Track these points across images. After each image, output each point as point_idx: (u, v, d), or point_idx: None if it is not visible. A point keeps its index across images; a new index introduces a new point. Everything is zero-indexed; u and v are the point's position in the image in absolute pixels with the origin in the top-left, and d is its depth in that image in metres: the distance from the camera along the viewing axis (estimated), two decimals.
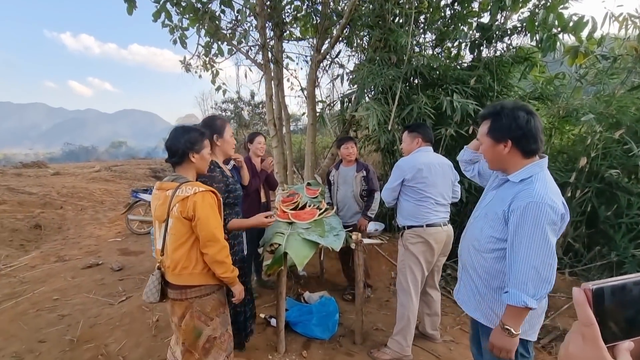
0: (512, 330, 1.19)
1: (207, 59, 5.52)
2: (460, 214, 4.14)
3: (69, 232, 5.98)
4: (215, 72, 5.42)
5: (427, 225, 2.24)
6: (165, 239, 1.54)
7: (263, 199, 3.17)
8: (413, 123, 2.59)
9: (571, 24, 3.37)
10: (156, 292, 1.56)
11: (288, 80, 5.94)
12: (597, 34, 3.38)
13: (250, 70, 6.12)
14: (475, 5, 4.20)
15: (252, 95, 14.08)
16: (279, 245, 2.15)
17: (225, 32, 5.17)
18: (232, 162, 2.73)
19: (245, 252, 3.13)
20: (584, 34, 3.38)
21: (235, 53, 5.43)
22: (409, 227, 2.29)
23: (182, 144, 1.56)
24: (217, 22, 4.72)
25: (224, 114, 14.89)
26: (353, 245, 2.32)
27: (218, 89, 5.81)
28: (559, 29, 3.45)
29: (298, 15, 5.23)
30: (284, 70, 5.46)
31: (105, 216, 7.22)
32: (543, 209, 1.16)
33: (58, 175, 12.16)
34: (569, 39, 3.59)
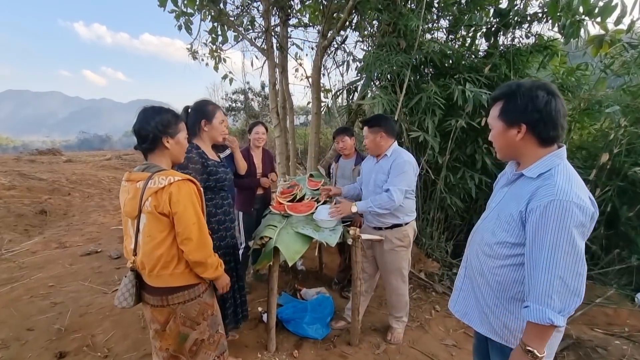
0: (536, 352, 1.00)
1: (214, 47, 5.39)
2: (469, 210, 3.95)
3: (74, 218, 6.00)
4: (218, 59, 5.27)
5: (416, 218, 2.40)
6: (138, 238, 1.36)
7: (260, 191, 3.05)
8: (372, 116, 2.43)
9: (597, 8, 3.09)
10: (130, 297, 1.39)
11: (296, 70, 5.78)
12: (627, 20, 3.10)
13: (257, 58, 5.98)
14: None
15: (262, 86, 13.98)
16: (270, 239, 2.02)
17: (231, 18, 5.02)
18: (228, 151, 2.62)
19: (242, 241, 3.05)
20: (612, 19, 3.09)
21: (241, 40, 5.28)
22: (407, 222, 2.30)
23: (152, 127, 1.36)
24: (220, 5, 4.57)
25: (234, 104, 14.85)
26: (350, 241, 2.17)
27: (225, 77, 5.69)
28: (584, 14, 3.17)
29: (306, 2, 5.04)
30: (290, 59, 5.30)
31: (111, 204, 7.25)
32: (569, 208, 0.97)
33: (70, 162, 12.33)
34: (592, 27, 3.29)
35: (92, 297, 2.99)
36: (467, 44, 4.13)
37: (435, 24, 4.19)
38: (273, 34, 4.79)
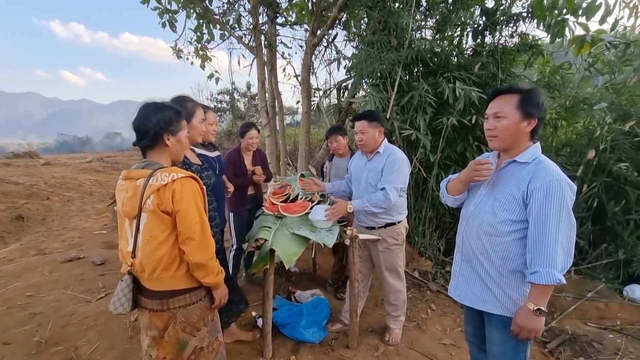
0: (542, 309, 1.18)
1: (199, 45, 5.25)
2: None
3: (53, 223, 5.73)
4: (204, 56, 5.14)
5: (407, 215, 2.40)
6: (137, 238, 1.29)
7: (251, 192, 2.98)
8: (367, 111, 2.43)
9: (584, 6, 3.14)
10: (126, 302, 1.31)
11: (284, 70, 5.70)
12: (611, 19, 3.16)
13: (244, 56, 5.86)
14: None
15: (248, 87, 13.81)
16: (265, 240, 1.95)
17: (217, 16, 4.90)
18: (217, 152, 2.52)
19: (233, 243, 2.96)
20: (597, 18, 3.15)
21: (228, 38, 5.17)
22: (400, 221, 2.30)
23: (154, 123, 1.31)
24: (205, 2, 4.45)
25: (219, 105, 14.63)
26: (347, 242, 2.12)
27: (210, 76, 5.55)
28: (569, 13, 3.22)
29: (293, 0, 4.97)
30: (279, 57, 5.22)
31: (93, 208, 6.97)
32: (563, 186, 1.18)
33: (48, 165, 11.84)
34: (573, 27, 3.35)
35: (74, 306, 2.83)
36: (454, 43, 4.16)
37: (423, 22, 4.20)
38: (261, 31, 4.70)
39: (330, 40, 4.72)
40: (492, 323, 1.37)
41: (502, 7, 3.71)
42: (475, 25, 3.88)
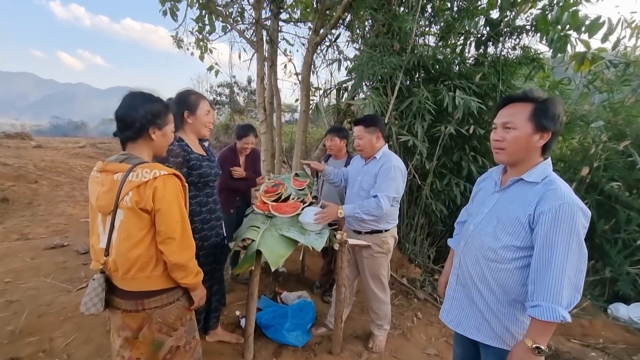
0: (542, 347, 1.05)
1: (201, 36, 5.18)
2: (451, 217, 3.94)
3: (39, 208, 5.61)
4: (204, 48, 5.07)
5: (399, 224, 2.37)
6: (112, 235, 1.22)
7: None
8: (366, 116, 2.36)
9: (587, 23, 3.15)
10: (99, 302, 1.24)
11: (284, 67, 5.65)
12: (613, 37, 3.17)
13: (245, 51, 5.80)
14: (484, 1, 3.95)
15: (249, 81, 13.73)
16: (252, 241, 1.90)
17: (219, 7, 4.83)
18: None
19: (224, 238, 2.92)
20: (599, 35, 3.16)
21: (230, 31, 5.10)
22: (387, 230, 2.23)
23: (141, 115, 1.24)
24: None
25: (218, 98, 14.51)
26: (336, 246, 2.09)
27: (210, 68, 5.48)
28: (572, 29, 3.22)
29: None
30: (280, 54, 5.16)
31: (81, 194, 6.85)
32: (576, 211, 1.04)
33: (40, 148, 11.63)
34: (575, 43, 3.35)
35: (53, 295, 2.76)
36: (457, 51, 4.15)
37: (427, 29, 4.18)
38: (264, 26, 4.64)
39: (332, 39, 4.68)
40: (489, 356, 1.27)
41: (506, 19, 3.70)
42: (479, 35, 3.87)
